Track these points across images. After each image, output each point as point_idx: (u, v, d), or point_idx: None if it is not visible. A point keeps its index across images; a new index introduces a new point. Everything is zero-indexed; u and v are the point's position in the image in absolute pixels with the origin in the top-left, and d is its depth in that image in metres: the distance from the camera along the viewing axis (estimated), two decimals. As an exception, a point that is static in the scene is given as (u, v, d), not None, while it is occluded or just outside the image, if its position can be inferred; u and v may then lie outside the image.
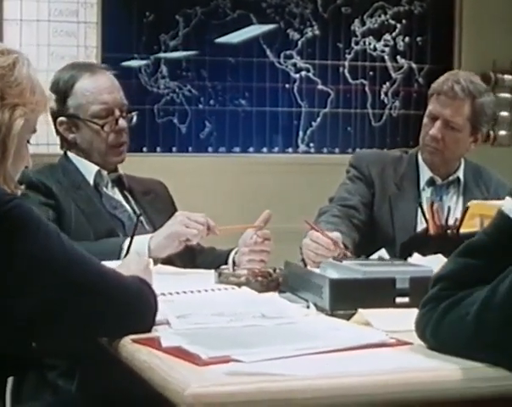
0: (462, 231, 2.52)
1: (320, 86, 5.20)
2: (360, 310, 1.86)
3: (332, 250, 2.49)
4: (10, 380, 2.31)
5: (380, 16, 5.30)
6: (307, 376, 1.38)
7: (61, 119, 2.75)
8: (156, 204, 2.86)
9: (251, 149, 5.06)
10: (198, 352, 1.48)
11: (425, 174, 3.12)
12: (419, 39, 5.35)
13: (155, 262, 2.40)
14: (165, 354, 1.52)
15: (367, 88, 5.30)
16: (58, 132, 2.80)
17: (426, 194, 3.12)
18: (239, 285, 2.25)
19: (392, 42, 5.33)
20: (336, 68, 5.23)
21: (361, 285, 1.99)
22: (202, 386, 1.33)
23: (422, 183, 3.12)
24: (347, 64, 5.24)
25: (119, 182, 2.83)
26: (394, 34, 5.33)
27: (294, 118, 5.14)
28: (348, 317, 1.88)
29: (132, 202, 2.82)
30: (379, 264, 2.21)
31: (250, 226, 2.65)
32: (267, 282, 2.25)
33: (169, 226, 2.51)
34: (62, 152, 2.85)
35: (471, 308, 1.44)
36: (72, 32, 4.73)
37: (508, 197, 1.60)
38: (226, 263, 2.66)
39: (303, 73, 5.15)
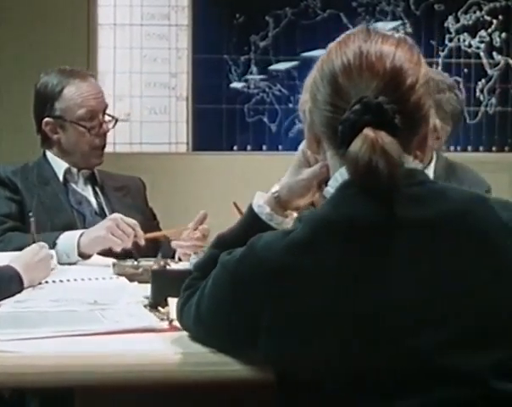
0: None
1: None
2: (169, 299, 1.83)
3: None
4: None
5: (475, 12, 5.22)
6: (28, 355, 1.50)
7: (48, 119, 2.92)
8: (126, 200, 3.01)
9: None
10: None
11: None
12: (516, 35, 5.25)
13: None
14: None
15: (462, 85, 5.22)
16: (41, 132, 2.96)
17: None
18: (132, 276, 2.31)
19: (487, 39, 5.24)
20: (430, 65, 5.16)
21: (181, 275, 1.87)
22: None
23: None
24: (440, 61, 5.19)
25: (92, 179, 2.99)
26: (490, 30, 5.24)
27: (385, 116, 5.11)
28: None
29: (101, 197, 2.97)
30: None
31: (183, 229, 2.73)
32: None
33: (97, 229, 2.63)
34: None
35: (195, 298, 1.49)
36: (164, 35, 4.87)
37: (259, 192, 1.66)
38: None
39: (395, 71, 5.12)
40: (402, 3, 5.13)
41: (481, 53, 5.24)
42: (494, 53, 5.25)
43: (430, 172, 3.06)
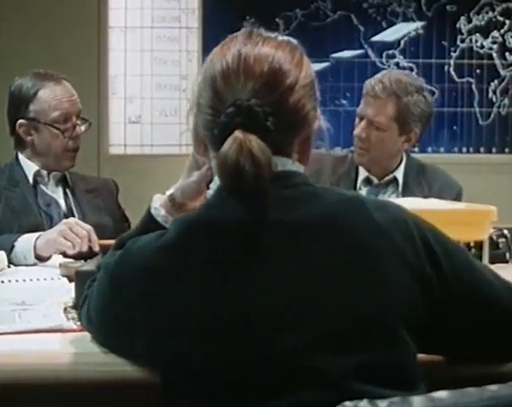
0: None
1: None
2: None
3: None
4: None
5: (487, 13, 5.20)
6: None
7: (22, 121, 2.95)
8: (96, 202, 3.04)
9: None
10: None
11: (362, 173, 3.08)
12: (530, 35, 5.23)
13: None
14: None
15: (474, 86, 5.21)
16: (15, 133, 2.99)
17: (362, 194, 3.04)
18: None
19: (500, 39, 5.22)
20: (441, 66, 5.16)
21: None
22: None
23: (359, 183, 3.07)
24: (452, 62, 5.17)
25: (63, 181, 3.02)
26: (503, 30, 5.21)
27: (397, 117, 5.10)
28: None
29: (71, 199, 3.00)
30: None
31: None
32: None
33: (51, 232, 2.63)
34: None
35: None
36: (174, 37, 4.88)
37: (157, 194, 1.70)
38: None
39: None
40: (413, 4, 5.12)
41: (494, 54, 5.21)
42: (507, 54, 5.22)
43: (399, 173, 3.05)
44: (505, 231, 2.58)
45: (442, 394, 1.14)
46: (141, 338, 1.32)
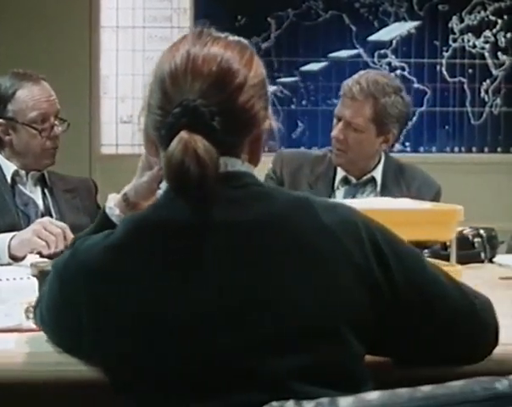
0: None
1: (416, 85, 5.15)
2: None
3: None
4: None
5: (479, 12, 5.20)
6: None
7: (0, 121, 2.97)
8: (75, 202, 3.04)
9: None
10: None
11: (340, 173, 3.07)
12: (522, 34, 5.24)
13: None
14: None
15: (466, 86, 5.21)
16: None
17: (340, 193, 3.06)
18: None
19: (492, 39, 5.22)
20: (434, 66, 5.17)
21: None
22: None
23: (337, 182, 3.07)
24: (444, 61, 5.18)
25: (41, 181, 3.03)
26: (495, 30, 5.22)
27: (389, 117, 5.10)
28: None
29: (49, 199, 3.00)
30: None
31: None
32: None
33: (25, 232, 2.63)
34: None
35: None
36: (166, 37, 4.87)
37: (113, 194, 1.70)
38: None
39: (398, 71, 5.11)
40: (405, 4, 5.12)
41: (486, 54, 5.22)
42: (499, 53, 5.23)
43: (378, 173, 3.05)
44: (481, 231, 2.58)
45: (372, 395, 1.13)
46: (88, 338, 1.32)
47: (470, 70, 5.21)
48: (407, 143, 5.15)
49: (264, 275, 1.28)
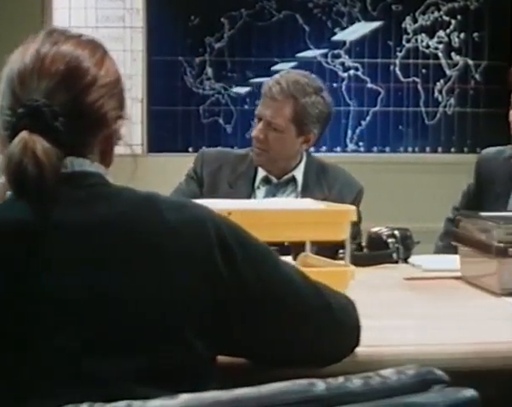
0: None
1: (369, 85, 5.17)
2: None
3: None
4: None
5: (433, 13, 5.23)
6: None
7: None
8: None
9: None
10: None
11: (261, 172, 3.09)
12: (475, 35, 5.26)
13: None
14: None
15: (420, 86, 5.24)
16: None
17: (261, 193, 3.08)
18: None
19: (446, 39, 5.25)
20: (387, 66, 5.19)
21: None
22: None
23: (257, 182, 3.09)
24: (398, 61, 5.20)
25: None
26: (448, 30, 5.25)
27: (342, 117, 5.13)
28: None
29: None
30: None
31: None
32: None
33: None
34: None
35: None
36: (119, 37, 4.89)
37: None
38: None
39: (352, 72, 5.14)
40: (358, 4, 5.14)
41: (440, 54, 5.25)
42: (453, 54, 5.26)
43: (299, 173, 3.08)
44: (395, 232, 2.60)
45: (180, 398, 1.12)
46: None
47: (424, 70, 5.24)
48: (360, 143, 5.18)
49: (103, 275, 1.28)
